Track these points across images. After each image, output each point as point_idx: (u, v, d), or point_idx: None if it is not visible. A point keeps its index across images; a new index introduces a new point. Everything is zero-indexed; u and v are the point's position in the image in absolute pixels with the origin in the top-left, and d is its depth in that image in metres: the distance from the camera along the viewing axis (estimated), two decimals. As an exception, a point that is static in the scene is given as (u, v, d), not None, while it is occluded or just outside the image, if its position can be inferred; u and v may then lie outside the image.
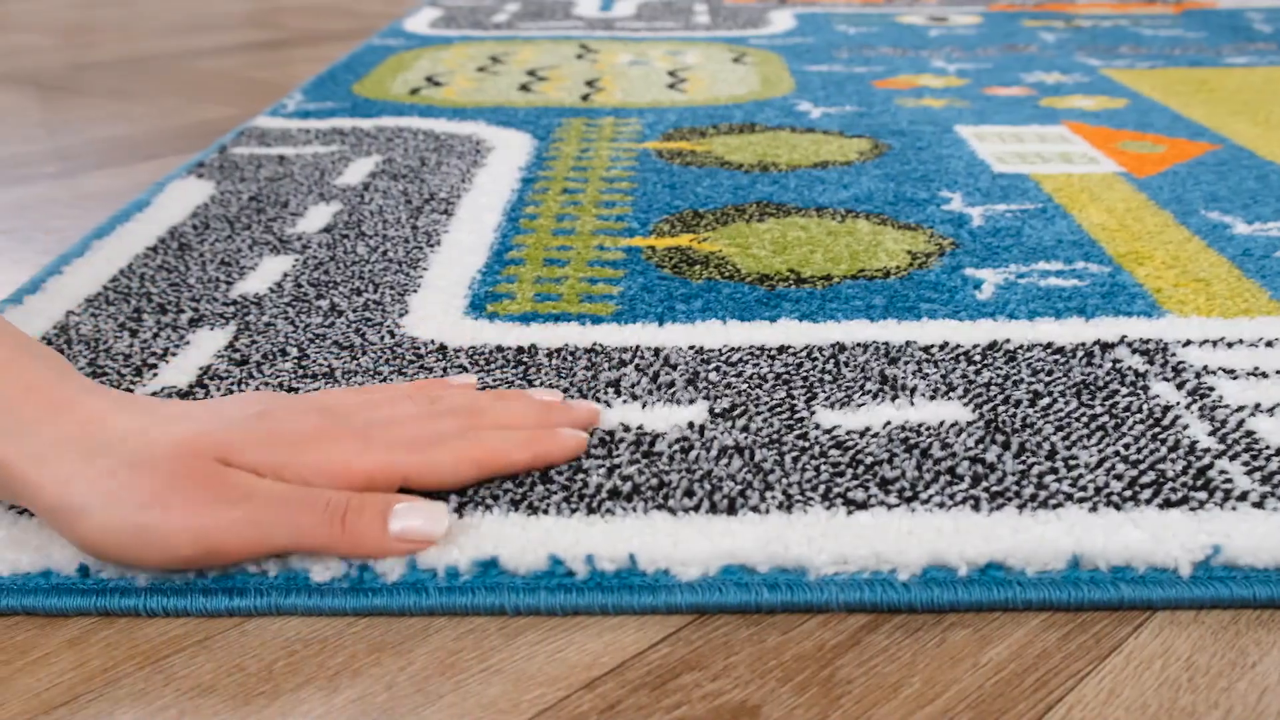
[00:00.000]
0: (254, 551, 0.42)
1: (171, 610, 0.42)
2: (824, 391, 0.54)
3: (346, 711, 0.38)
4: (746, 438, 0.50)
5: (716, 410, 0.53)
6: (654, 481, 0.47)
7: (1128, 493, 0.46)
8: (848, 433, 0.51)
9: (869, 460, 0.48)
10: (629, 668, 0.39)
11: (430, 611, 0.42)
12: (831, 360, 0.58)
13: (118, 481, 0.41)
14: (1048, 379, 0.55)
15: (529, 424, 0.49)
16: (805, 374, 0.56)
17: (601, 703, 0.38)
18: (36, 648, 0.40)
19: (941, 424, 0.51)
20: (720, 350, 0.59)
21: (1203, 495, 0.45)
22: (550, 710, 0.38)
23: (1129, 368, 0.56)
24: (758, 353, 0.59)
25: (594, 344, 0.60)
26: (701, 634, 0.41)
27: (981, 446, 0.49)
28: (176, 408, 0.45)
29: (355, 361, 0.58)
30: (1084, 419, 0.52)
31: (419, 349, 0.59)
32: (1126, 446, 0.49)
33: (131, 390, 0.55)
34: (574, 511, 0.45)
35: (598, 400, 0.54)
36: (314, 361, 0.58)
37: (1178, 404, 0.53)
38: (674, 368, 0.57)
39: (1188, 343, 0.59)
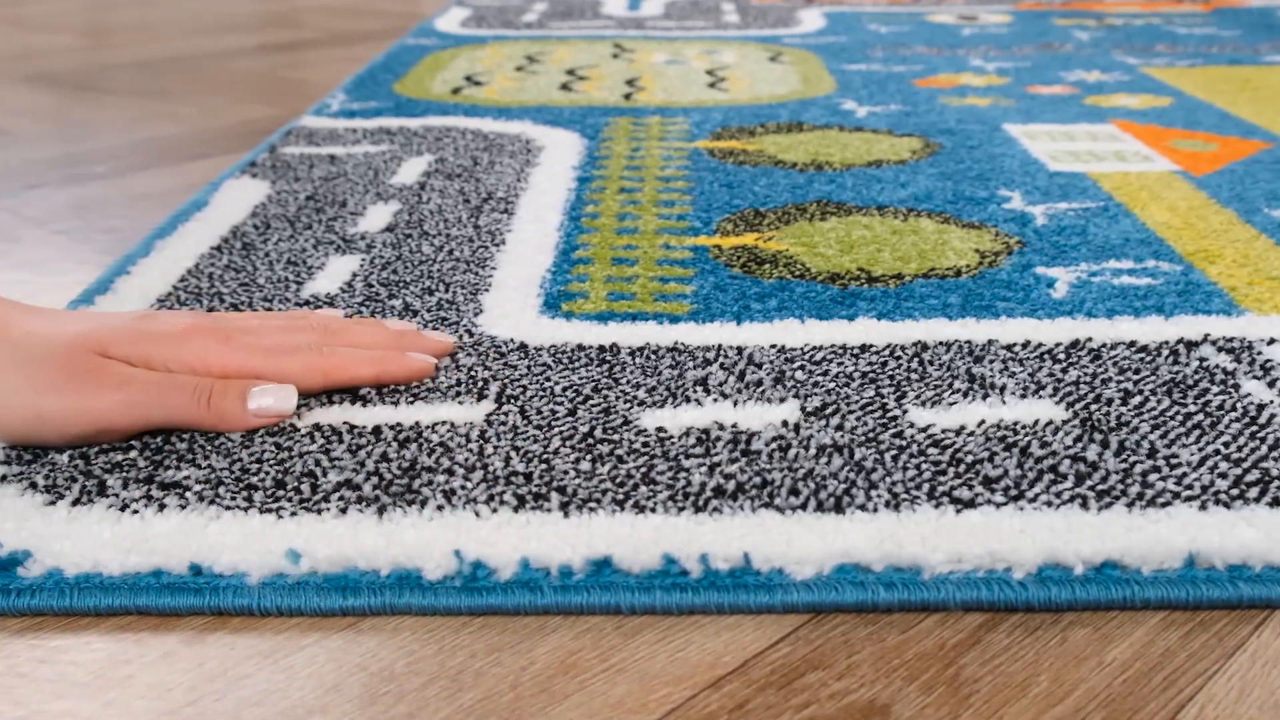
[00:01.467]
0: (136, 426, 0.49)
1: (285, 609, 0.41)
2: (913, 390, 0.54)
3: (474, 711, 0.37)
4: (843, 436, 0.50)
5: (808, 409, 0.53)
6: (757, 480, 0.47)
7: (1235, 491, 0.46)
8: (943, 431, 0.51)
9: (969, 459, 0.48)
10: (752, 667, 0.39)
11: (545, 611, 0.42)
12: (915, 359, 0.57)
13: (21, 373, 0.48)
14: (1136, 377, 0.55)
15: (379, 346, 0.55)
16: (891, 373, 0.56)
17: (730, 702, 0.38)
18: (152, 648, 0.40)
19: (1036, 422, 0.51)
20: (802, 349, 0.59)
21: (1311, 493, 0.45)
22: (679, 710, 0.37)
23: (1216, 366, 0.56)
24: (840, 351, 0.58)
25: (675, 343, 0.59)
26: (820, 633, 0.41)
27: (1080, 445, 0.49)
28: (74, 314, 0.52)
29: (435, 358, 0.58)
30: (1179, 418, 0.51)
31: (500, 347, 0.59)
32: (1226, 445, 0.49)
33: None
34: (681, 510, 0.45)
35: (688, 400, 0.54)
36: (395, 361, 0.58)
37: (1272, 402, 0.53)
38: (759, 366, 0.57)
39: (1271, 340, 0.59)
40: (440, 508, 0.45)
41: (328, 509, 0.45)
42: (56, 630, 0.41)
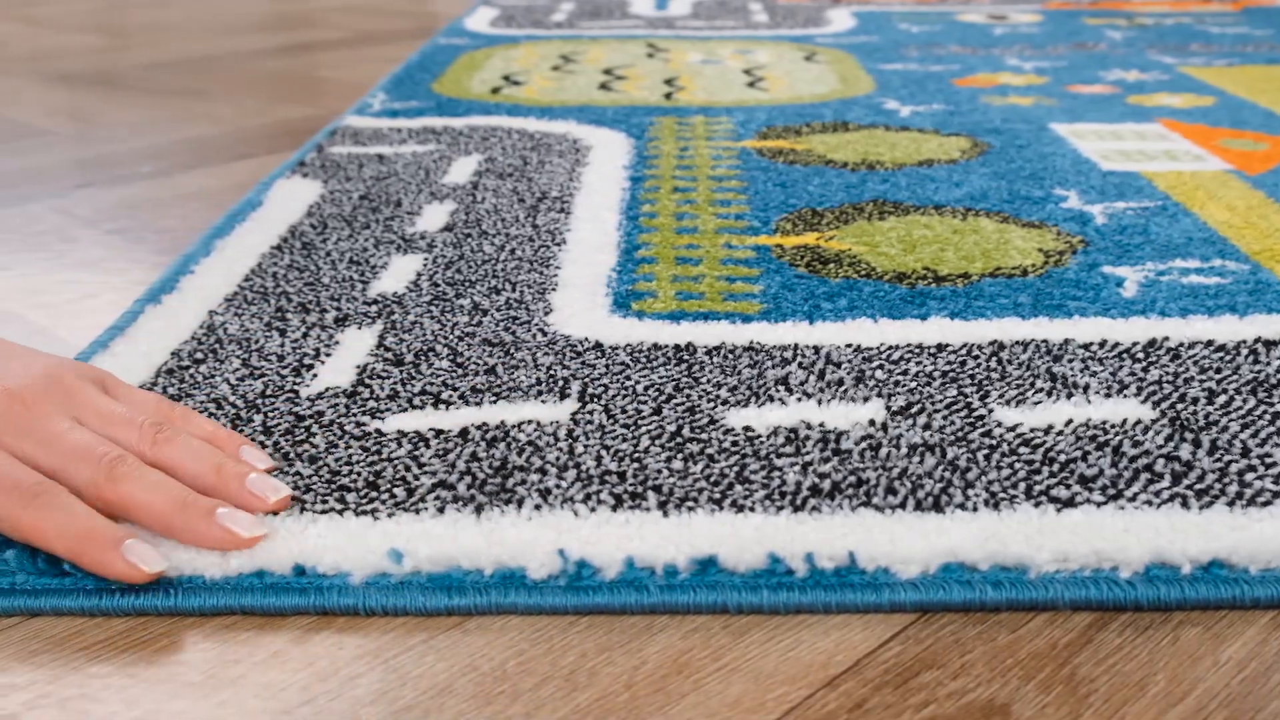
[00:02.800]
0: None
1: (391, 609, 0.41)
2: (995, 389, 0.54)
3: (591, 711, 0.37)
4: (932, 435, 0.50)
5: (893, 408, 0.52)
6: (852, 479, 0.47)
7: (1334, 490, 0.46)
8: (1031, 430, 0.50)
9: (1062, 458, 0.48)
10: (866, 666, 0.39)
11: (652, 610, 0.41)
12: (993, 358, 0.57)
13: None
14: (1218, 376, 0.55)
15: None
16: (971, 372, 0.56)
17: (848, 701, 0.38)
18: (260, 648, 0.40)
19: (1124, 421, 0.51)
20: (878, 348, 0.58)
21: None
22: (798, 709, 0.37)
23: (1298, 365, 0.56)
24: (916, 350, 0.58)
25: (751, 342, 0.59)
26: (929, 632, 0.41)
27: (1173, 445, 0.49)
28: None
29: (511, 358, 0.58)
30: (1267, 416, 0.51)
31: (575, 346, 0.59)
32: (1319, 444, 0.49)
33: (295, 392, 0.55)
34: (780, 509, 0.45)
35: (771, 399, 0.53)
36: (470, 360, 0.58)
37: (1359, 401, 0.52)
38: (838, 365, 0.57)
39: (1350, 340, 0.59)
40: (538, 506, 0.45)
41: (425, 509, 0.45)
42: (159, 631, 0.41)
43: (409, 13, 1.92)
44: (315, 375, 0.57)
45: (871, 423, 0.51)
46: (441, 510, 0.45)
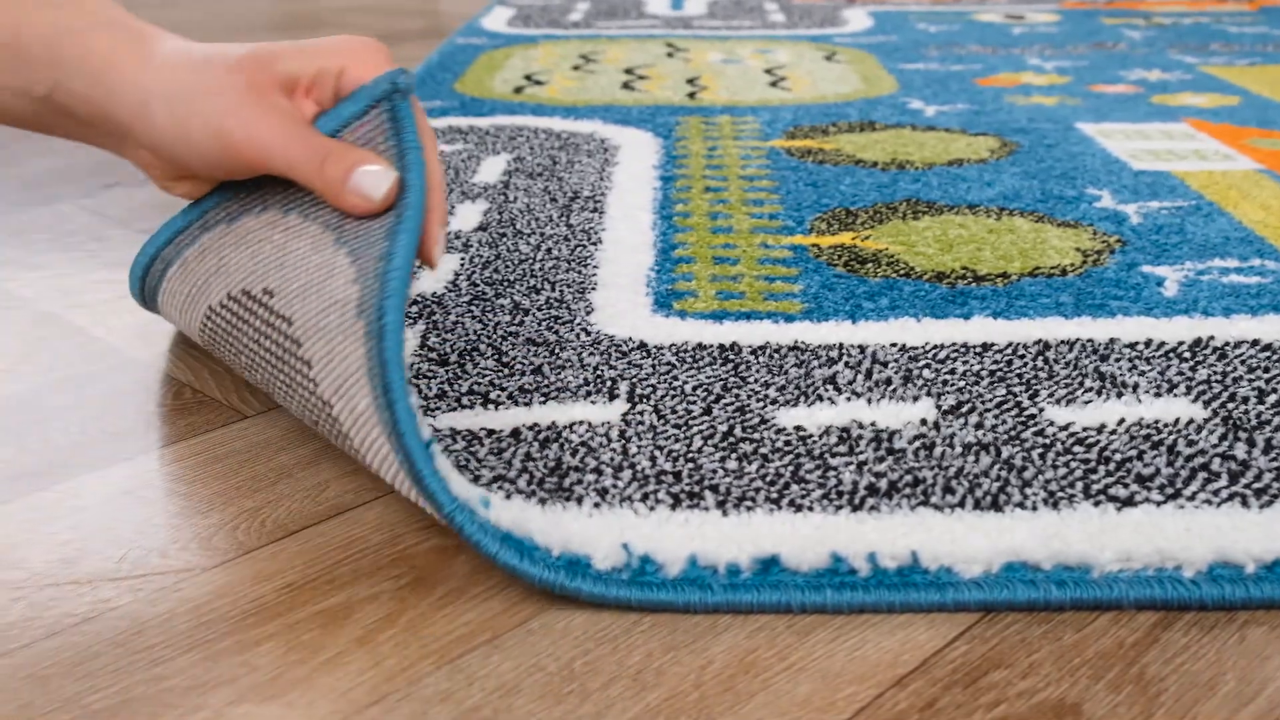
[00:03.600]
0: (258, 166, 0.50)
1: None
2: (1044, 388, 0.54)
3: (662, 711, 0.37)
4: (984, 434, 0.50)
5: (943, 407, 0.52)
6: (908, 478, 0.47)
7: (1393, 489, 0.45)
8: (1084, 429, 0.50)
9: (1118, 457, 0.48)
10: (933, 665, 0.39)
11: (715, 609, 0.41)
12: (1039, 357, 0.57)
13: (206, 88, 0.50)
14: (1267, 376, 0.55)
15: None
16: (1018, 371, 0.56)
17: (918, 700, 0.38)
18: (325, 647, 0.40)
19: (1176, 421, 0.51)
20: (923, 347, 0.58)
21: None
22: (868, 709, 0.37)
23: (1346, 364, 0.56)
24: (962, 350, 0.58)
25: (795, 341, 0.59)
26: (994, 631, 0.41)
27: (1227, 444, 0.49)
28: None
29: (556, 358, 0.58)
30: (1319, 415, 0.51)
31: (620, 346, 0.59)
32: (1374, 443, 0.49)
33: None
34: (839, 509, 0.45)
35: (820, 399, 0.53)
36: (515, 360, 0.58)
37: None
38: (885, 365, 0.56)
39: (1396, 339, 0.59)
40: (597, 505, 0.45)
41: (489, 499, 0.45)
42: (222, 632, 0.41)
43: (417, 11, 1.92)
44: (361, 375, 0.56)
45: (923, 422, 0.51)
46: (509, 497, 0.45)
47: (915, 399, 0.53)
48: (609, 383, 0.55)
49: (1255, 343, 0.58)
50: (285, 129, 0.49)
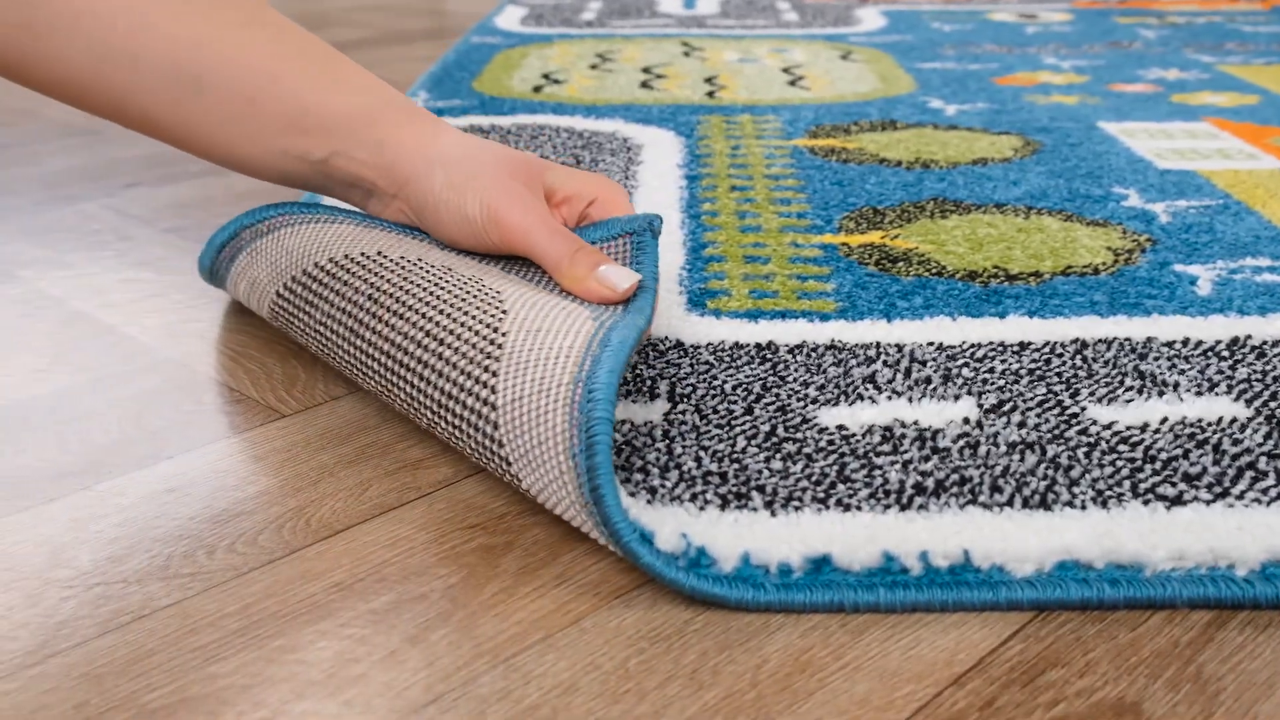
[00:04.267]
0: (516, 249, 0.55)
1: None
2: (1085, 387, 0.54)
3: (720, 710, 0.37)
4: (1028, 433, 0.50)
5: (985, 405, 0.52)
6: (955, 477, 0.47)
7: None
8: (1128, 428, 0.50)
9: (1164, 456, 0.48)
10: (990, 664, 0.39)
11: (768, 608, 0.41)
12: (1078, 356, 0.57)
13: (490, 172, 0.56)
14: (1307, 374, 0.55)
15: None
16: (1058, 370, 0.56)
17: (977, 699, 0.37)
18: (378, 646, 0.40)
19: (1220, 420, 0.51)
20: (961, 346, 0.58)
21: None
22: (927, 707, 0.37)
23: (1386, 363, 0.56)
24: (1000, 349, 0.58)
25: (832, 340, 0.59)
26: (1048, 630, 0.41)
27: (1273, 443, 0.49)
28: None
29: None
30: (1362, 414, 0.51)
31: (657, 345, 0.59)
32: None
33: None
34: (887, 508, 0.45)
35: (860, 398, 0.53)
36: (552, 358, 0.58)
37: None
38: (924, 364, 0.56)
39: None
40: (649, 502, 0.45)
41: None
42: (274, 631, 0.41)
43: (424, 10, 1.92)
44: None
45: (966, 420, 0.51)
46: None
47: (956, 398, 0.53)
48: (648, 382, 0.55)
49: (1293, 342, 0.58)
50: (545, 219, 0.55)
